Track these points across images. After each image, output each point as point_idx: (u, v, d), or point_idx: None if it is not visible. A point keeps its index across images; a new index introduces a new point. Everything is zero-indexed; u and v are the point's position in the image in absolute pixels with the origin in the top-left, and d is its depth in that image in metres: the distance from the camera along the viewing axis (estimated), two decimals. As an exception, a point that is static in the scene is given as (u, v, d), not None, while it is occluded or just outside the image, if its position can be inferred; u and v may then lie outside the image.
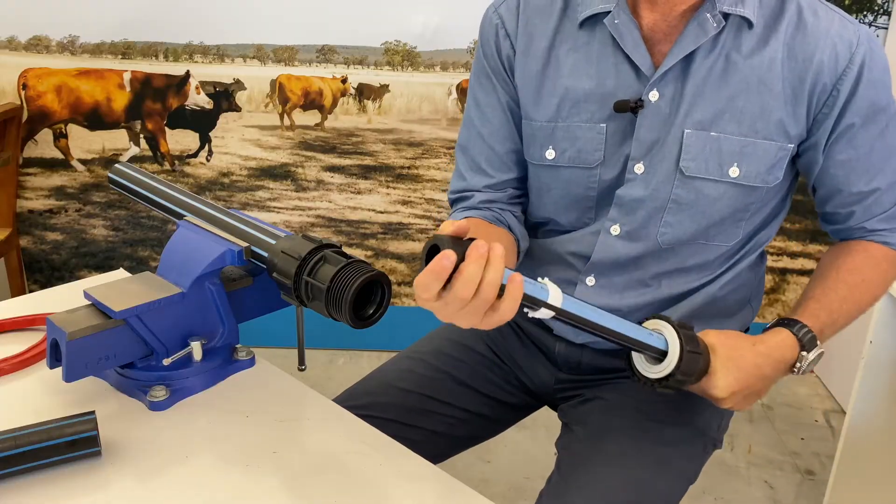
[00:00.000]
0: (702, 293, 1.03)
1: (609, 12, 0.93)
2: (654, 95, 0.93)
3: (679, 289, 1.02)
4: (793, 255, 2.41)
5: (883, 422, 1.52)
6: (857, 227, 1.02)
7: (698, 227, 0.97)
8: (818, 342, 0.93)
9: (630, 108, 0.94)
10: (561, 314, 0.77)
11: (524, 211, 1.10)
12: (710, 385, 0.89)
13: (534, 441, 1.99)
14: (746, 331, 1.12)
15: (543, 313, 0.76)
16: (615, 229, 1.00)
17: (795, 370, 0.93)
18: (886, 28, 2.18)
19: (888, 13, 2.17)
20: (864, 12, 2.17)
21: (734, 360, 0.89)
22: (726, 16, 0.90)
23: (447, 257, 0.67)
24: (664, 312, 1.04)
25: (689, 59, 0.92)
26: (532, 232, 1.10)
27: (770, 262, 2.41)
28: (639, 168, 0.96)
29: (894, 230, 1.02)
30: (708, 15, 0.89)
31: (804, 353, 0.92)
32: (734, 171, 0.94)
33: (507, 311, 0.70)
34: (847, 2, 2.16)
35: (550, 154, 1.00)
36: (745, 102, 0.92)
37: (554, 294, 0.76)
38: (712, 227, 0.98)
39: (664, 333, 0.88)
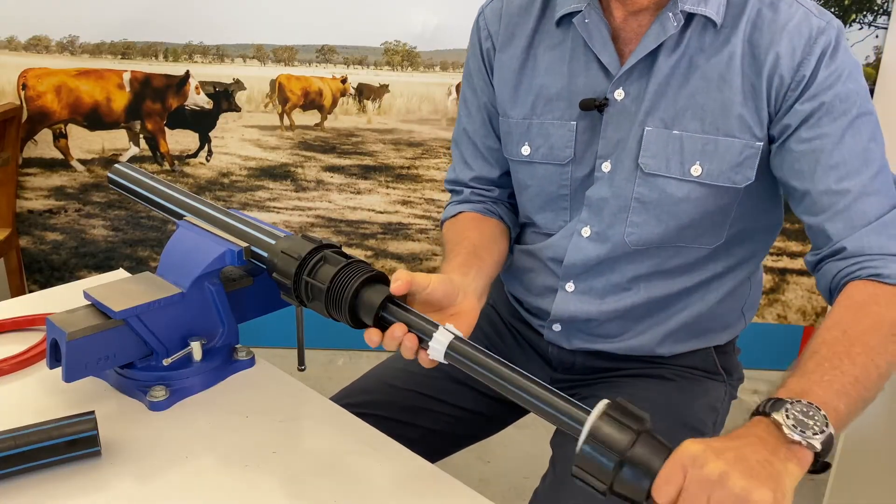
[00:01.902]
0: (688, 299, 1.03)
1: (580, 11, 0.95)
2: (619, 94, 0.95)
3: (660, 292, 1.02)
4: (793, 256, 2.41)
5: (883, 422, 1.52)
6: (842, 252, 0.88)
7: (667, 228, 0.97)
8: (790, 401, 0.68)
9: (596, 107, 0.96)
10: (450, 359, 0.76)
11: (515, 206, 1.14)
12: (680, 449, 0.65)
13: (533, 441, 1.99)
14: (735, 339, 1.13)
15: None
16: (586, 231, 1.01)
17: (791, 439, 0.66)
18: (886, 28, 2.18)
19: (888, 13, 2.17)
20: (864, 12, 2.18)
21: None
22: (691, 15, 0.91)
23: (371, 337, 0.79)
24: (649, 319, 1.03)
25: (653, 58, 0.93)
26: (518, 238, 1.13)
27: (770, 262, 2.41)
28: (606, 166, 0.98)
29: (887, 258, 0.85)
30: (670, 14, 0.90)
31: (774, 416, 0.67)
32: (696, 170, 0.93)
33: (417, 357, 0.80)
34: (847, 2, 2.17)
35: (526, 150, 1.03)
36: (707, 100, 0.92)
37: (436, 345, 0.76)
38: (686, 230, 0.97)
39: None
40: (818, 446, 0.65)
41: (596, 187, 0.99)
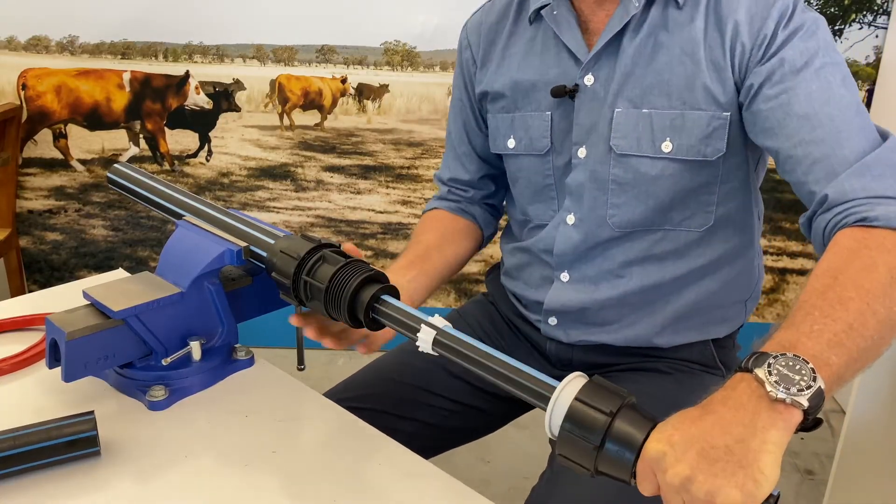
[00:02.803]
0: (683, 287, 1.03)
1: (549, 4, 0.99)
2: (589, 79, 0.97)
3: (653, 279, 1.02)
4: (793, 255, 2.41)
5: (883, 422, 1.52)
6: (826, 202, 0.82)
7: (647, 207, 0.98)
8: (774, 356, 0.64)
9: (566, 93, 0.98)
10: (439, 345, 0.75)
11: (498, 206, 1.24)
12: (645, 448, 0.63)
13: (533, 441, 1.99)
14: (740, 328, 1.12)
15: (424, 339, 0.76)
16: (570, 218, 1.03)
17: (775, 397, 0.62)
18: (886, 28, 2.18)
19: (888, 13, 2.17)
20: (864, 12, 2.17)
21: (677, 416, 0.65)
22: None
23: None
24: (645, 308, 1.03)
25: (618, 41, 0.95)
26: (512, 236, 1.17)
27: (770, 262, 2.41)
28: (581, 152, 1.00)
29: (873, 201, 0.78)
30: None
31: (757, 373, 0.63)
32: (667, 146, 0.95)
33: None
34: (847, 2, 2.17)
35: (511, 143, 1.07)
36: (672, 75, 0.93)
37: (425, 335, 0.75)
38: (670, 211, 0.98)
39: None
40: (805, 403, 0.61)
41: (574, 174, 1.01)
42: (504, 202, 1.23)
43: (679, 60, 0.93)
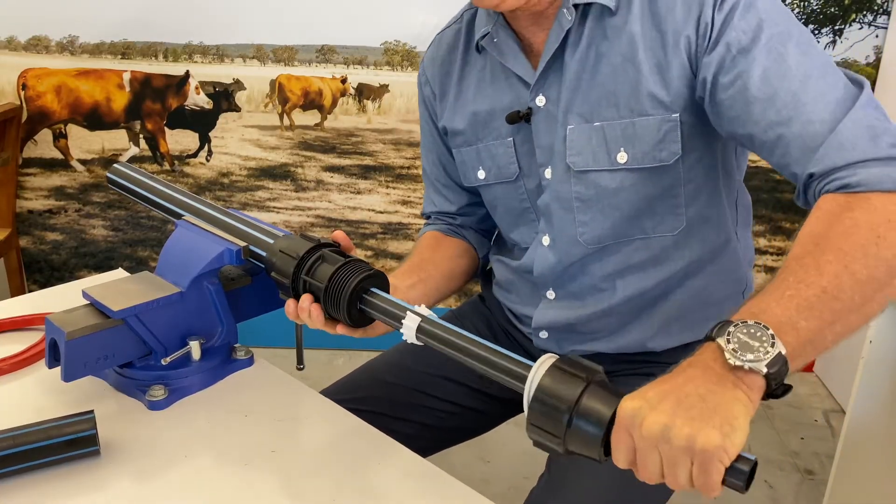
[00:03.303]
0: (670, 291, 1.02)
1: (489, 33, 0.98)
2: (540, 100, 0.96)
3: (638, 287, 1.01)
4: (793, 255, 2.41)
5: (883, 422, 1.52)
6: (810, 179, 0.80)
7: (614, 221, 0.96)
8: (735, 324, 0.64)
9: (521, 118, 0.97)
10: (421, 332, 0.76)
11: (489, 230, 1.21)
12: (620, 409, 0.63)
13: (533, 441, 1.99)
14: (712, 331, 1.11)
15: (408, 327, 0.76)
16: (546, 240, 1.02)
17: (733, 365, 0.63)
18: (886, 28, 2.18)
19: (888, 13, 2.17)
20: (864, 12, 2.17)
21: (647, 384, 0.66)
22: (587, 7, 0.91)
23: (287, 308, 0.86)
24: (635, 318, 1.03)
25: (561, 58, 0.93)
26: (506, 251, 1.15)
27: (770, 261, 2.41)
28: (548, 173, 0.99)
29: (853, 167, 0.76)
30: (564, 10, 0.91)
31: (719, 342, 0.64)
32: (622, 157, 0.93)
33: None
34: (847, 2, 2.17)
35: (481, 174, 1.06)
36: (616, 85, 0.91)
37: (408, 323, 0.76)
38: (638, 220, 0.96)
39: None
40: (763, 369, 0.61)
41: (544, 195, 1.00)
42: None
43: (621, 68, 0.90)
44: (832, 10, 2.17)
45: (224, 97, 2.35)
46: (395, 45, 2.30)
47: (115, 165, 1.10)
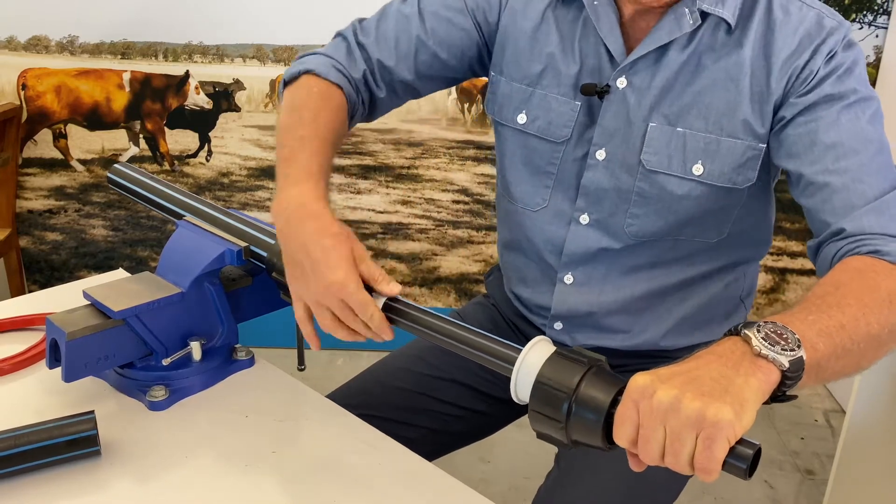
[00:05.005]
0: (689, 291, 1.03)
1: None
2: (621, 82, 0.94)
3: (660, 283, 1.01)
4: (793, 255, 2.41)
5: (883, 422, 1.52)
6: (841, 234, 0.84)
7: (666, 222, 0.97)
8: (763, 322, 0.67)
9: (596, 93, 0.94)
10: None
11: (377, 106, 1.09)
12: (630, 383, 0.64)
13: (534, 441, 1.99)
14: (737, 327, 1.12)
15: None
16: (584, 218, 1.00)
17: (759, 352, 0.64)
18: (886, 28, 2.18)
19: (888, 13, 2.17)
20: (864, 12, 2.17)
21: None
22: (705, 14, 0.90)
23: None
24: (650, 312, 1.03)
25: (662, 52, 0.92)
26: (508, 224, 1.11)
27: (770, 261, 2.41)
28: (600, 154, 0.97)
29: (888, 238, 0.81)
30: (686, 10, 0.90)
31: (745, 332, 0.65)
32: (697, 169, 0.93)
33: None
34: (847, 1, 2.16)
35: (522, 118, 1.01)
36: (713, 99, 0.91)
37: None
38: (687, 226, 0.97)
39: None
40: (786, 363, 0.62)
41: (591, 175, 0.98)
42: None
43: (723, 85, 0.91)
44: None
45: (224, 97, 2.35)
46: (395, 45, 2.29)
47: (115, 165, 1.10)
